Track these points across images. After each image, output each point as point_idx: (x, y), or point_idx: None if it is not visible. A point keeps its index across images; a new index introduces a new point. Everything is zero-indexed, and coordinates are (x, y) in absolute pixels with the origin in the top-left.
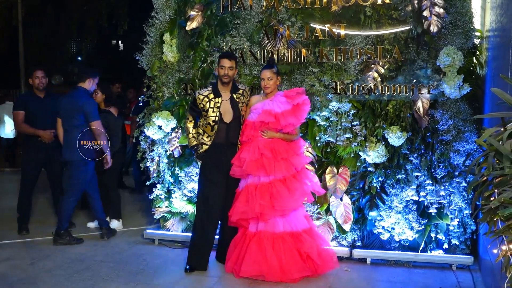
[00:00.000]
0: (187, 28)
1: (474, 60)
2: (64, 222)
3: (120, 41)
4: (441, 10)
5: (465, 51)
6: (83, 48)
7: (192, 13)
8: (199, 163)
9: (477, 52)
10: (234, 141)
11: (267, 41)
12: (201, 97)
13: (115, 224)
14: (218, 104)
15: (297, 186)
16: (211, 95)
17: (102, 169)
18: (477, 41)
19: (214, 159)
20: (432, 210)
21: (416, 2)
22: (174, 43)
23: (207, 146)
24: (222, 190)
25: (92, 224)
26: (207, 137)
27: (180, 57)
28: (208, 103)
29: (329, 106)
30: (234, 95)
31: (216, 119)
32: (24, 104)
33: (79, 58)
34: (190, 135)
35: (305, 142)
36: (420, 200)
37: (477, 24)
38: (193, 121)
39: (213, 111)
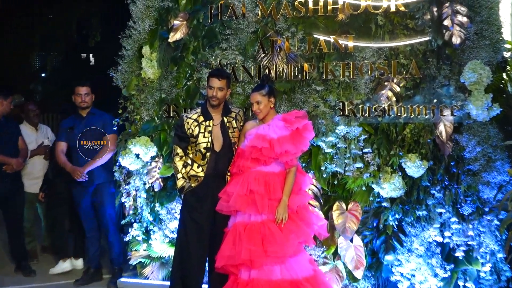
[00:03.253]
0: (169, 40)
1: (505, 76)
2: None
3: (91, 55)
4: (465, 19)
5: (494, 66)
6: (48, 63)
7: (176, 22)
8: (182, 197)
9: (508, 67)
10: (223, 172)
11: (263, 55)
12: (190, 121)
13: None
14: (210, 128)
15: (293, 228)
16: (201, 118)
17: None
18: (507, 54)
19: (199, 193)
20: (459, 254)
21: (435, 10)
22: (154, 57)
23: (202, 178)
24: (207, 231)
25: (55, 270)
26: (198, 167)
27: (161, 74)
28: (197, 128)
29: (336, 131)
30: (225, 118)
31: (208, 145)
32: None
33: (43, 75)
34: (180, 175)
35: (311, 180)
36: (444, 241)
37: (506, 34)
38: (183, 156)
39: (204, 136)
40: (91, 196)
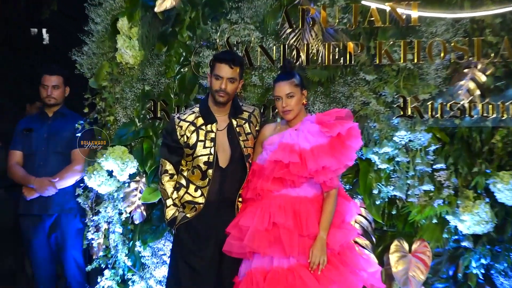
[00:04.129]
0: (156, 10)
1: None
2: None
3: (44, 30)
4: None
5: None
6: None
7: None
8: (174, 233)
9: None
10: (231, 197)
11: (289, 31)
12: (184, 124)
13: None
14: (213, 135)
15: (334, 277)
16: (200, 120)
17: None
18: None
19: (198, 228)
20: None
21: None
22: (134, 33)
23: (201, 206)
24: (210, 282)
25: None
26: (196, 191)
27: (144, 57)
28: (195, 134)
29: (394, 138)
30: (234, 120)
31: (211, 159)
32: None
33: None
34: (170, 202)
35: (359, 208)
36: None
37: None
38: (175, 175)
39: (204, 146)
40: (49, 232)
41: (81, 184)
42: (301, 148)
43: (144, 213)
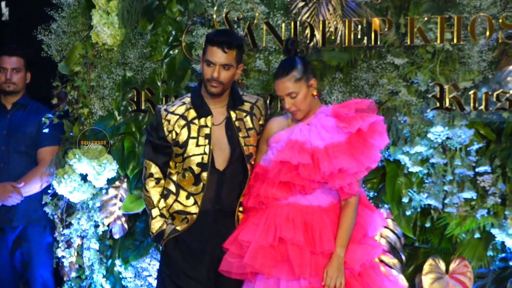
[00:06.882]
0: None
1: None
2: None
3: (3, 3)
4: None
5: None
6: None
7: None
8: (161, 249)
9: None
10: (230, 206)
11: (301, 4)
12: (173, 118)
13: None
14: (208, 131)
15: None
16: (191, 113)
17: None
18: None
19: (190, 243)
20: None
21: None
22: (113, 7)
23: (194, 217)
24: None
25: None
26: (188, 198)
27: (126, 37)
28: (185, 129)
29: (429, 135)
30: (233, 113)
31: (205, 159)
32: None
33: None
34: (156, 212)
35: (385, 220)
36: None
37: None
38: (161, 179)
39: (197, 145)
40: (12, 247)
41: (49, 191)
42: (313, 147)
43: (125, 225)
